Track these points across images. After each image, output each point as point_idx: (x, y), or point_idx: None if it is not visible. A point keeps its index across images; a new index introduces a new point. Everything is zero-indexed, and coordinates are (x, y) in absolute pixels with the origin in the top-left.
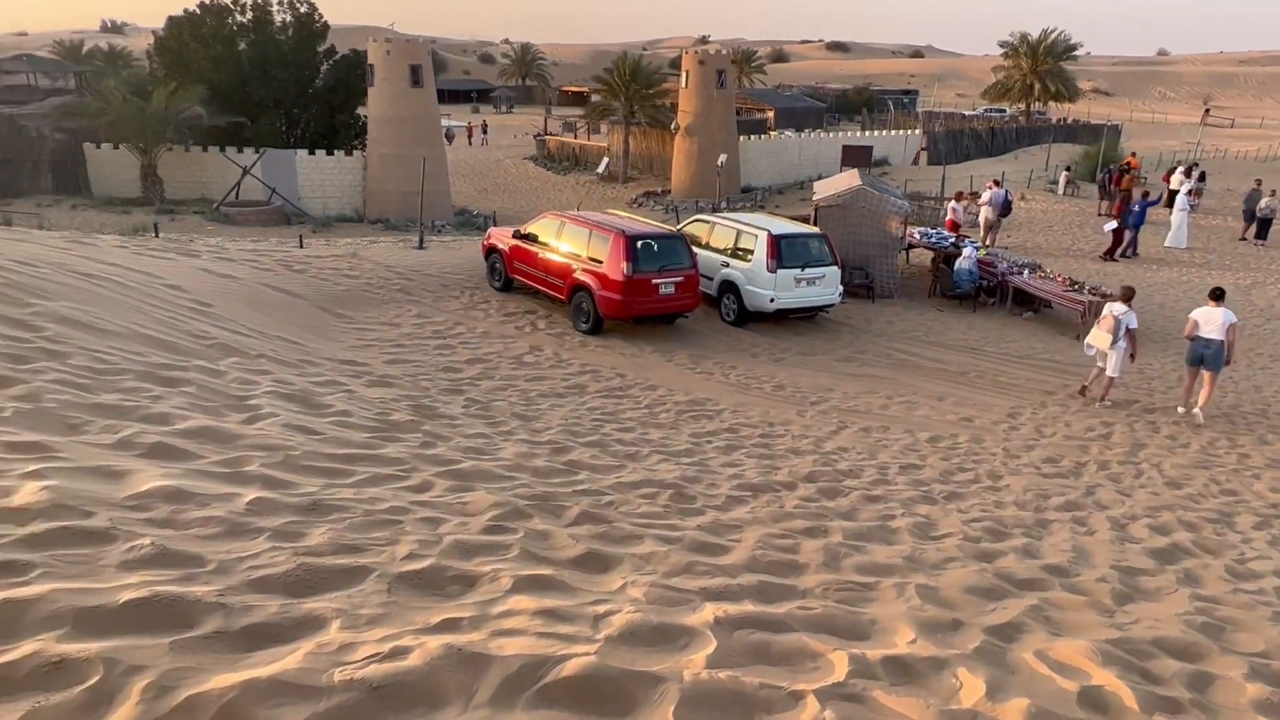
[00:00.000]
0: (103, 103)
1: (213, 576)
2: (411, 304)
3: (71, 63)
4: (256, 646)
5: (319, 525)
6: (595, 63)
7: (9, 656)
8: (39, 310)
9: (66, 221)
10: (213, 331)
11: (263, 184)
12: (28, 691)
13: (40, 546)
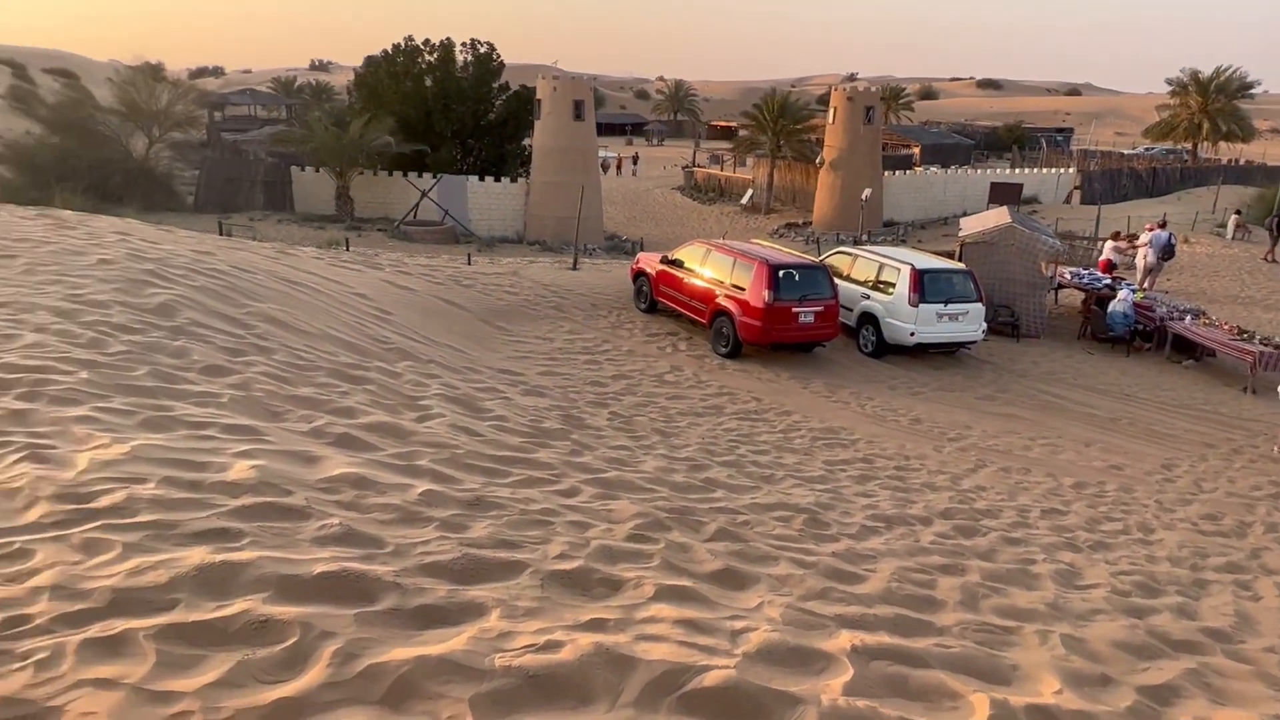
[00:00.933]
0: (308, 131)
1: (390, 558)
2: (564, 321)
3: (285, 96)
4: (426, 626)
5: (481, 520)
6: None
7: (225, 612)
8: (251, 311)
9: (274, 234)
10: (392, 337)
11: (437, 206)
12: (238, 645)
13: (249, 517)
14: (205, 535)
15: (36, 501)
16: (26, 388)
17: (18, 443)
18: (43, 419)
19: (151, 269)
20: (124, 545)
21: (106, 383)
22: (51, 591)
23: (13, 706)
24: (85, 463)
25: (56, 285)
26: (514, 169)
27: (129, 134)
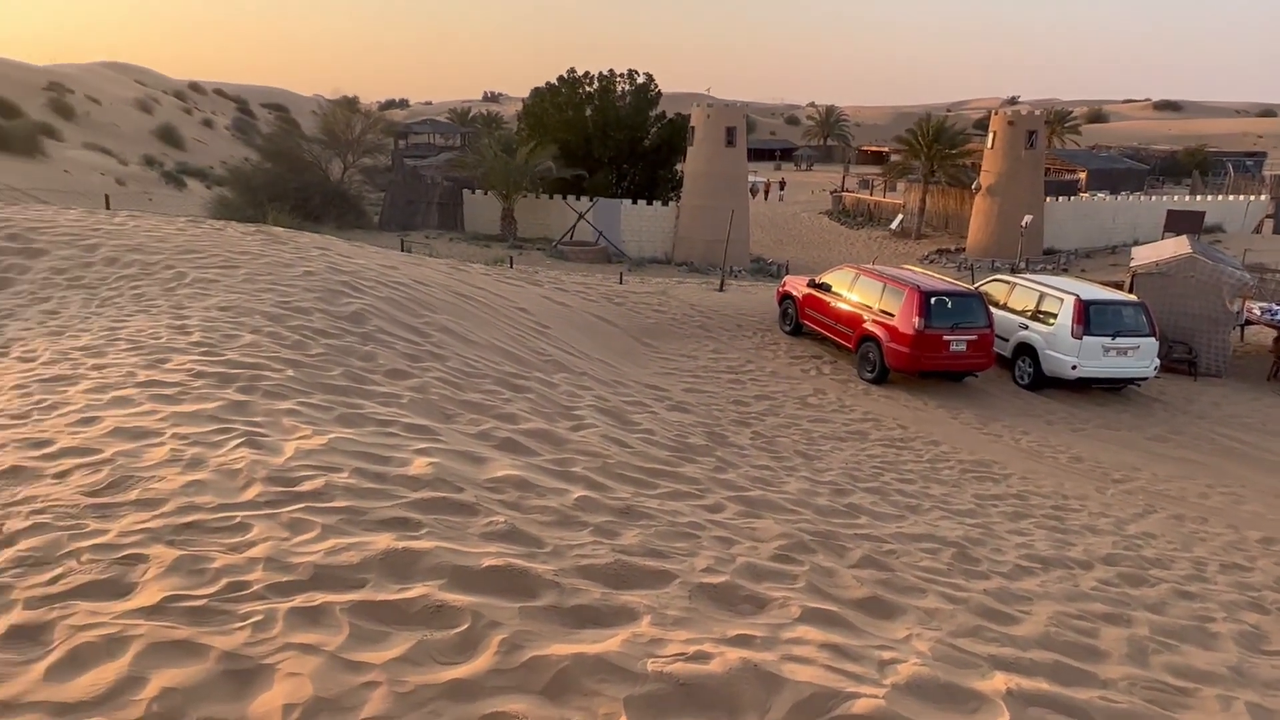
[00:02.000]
0: (479, 158)
1: (549, 558)
2: (709, 340)
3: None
4: (582, 625)
5: (631, 528)
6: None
7: (407, 594)
8: (429, 321)
9: (446, 251)
10: (549, 350)
11: (592, 227)
12: (418, 626)
13: (426, 510)
14: (389, 523)
15: (253, 482)
16: (245, 382)
17: (238, 430)
18: (257, 410)
19: (346, 280)
20: (323, 526)
21: (308, 380)
22: (265, 563)
23: (235, 660)
24: (291, 450)
25: (269, 293)
26: (665, 193)
27: (328, 160)
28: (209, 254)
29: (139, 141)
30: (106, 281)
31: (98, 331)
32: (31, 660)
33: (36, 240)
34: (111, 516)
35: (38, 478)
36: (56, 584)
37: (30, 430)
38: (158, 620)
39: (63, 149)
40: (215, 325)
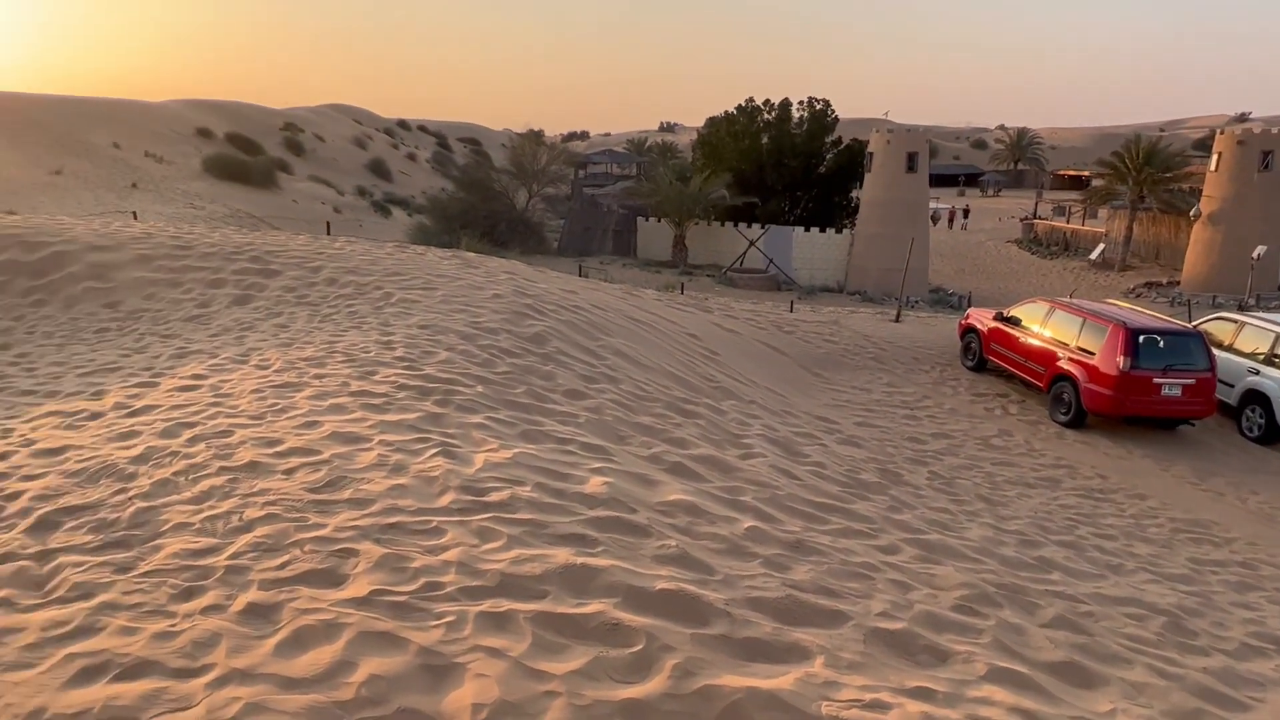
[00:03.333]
0: (653, 186)
1: (720, 586)
2: (883, 372)
3: (636, 155)
4: (753, 658)
5: (802, 563)
6: (1099, 146)
7: (584, 610)
8: (604, 344)
9: (620, 277)
10: (718, 376)
11: (763, 255)
12: (594, 642)
13: (602, 528)
14: (568, 539)
15: (447, 490)
16: (441, 395)
17: (435, 440)
18: (451, 422)
19: (530, 303)
20: (508, 537)
21: (495, 397)
22: (457, 567)
23: (431, 656)
24: (481, 462)
25: (462, 313)
26: (839, 220)
27: (514, 189)
28: (411, 276)
29: (354, 174)
30: (327, 300)
31: (319, 344)
32: (264, 636)
33: (273, 262)
34: (329, 512)
35: (270, 473)
36: (284, 569)
37: (265, 430)
38: (366, 611)
39: (292, 181)
40: (416, 342)
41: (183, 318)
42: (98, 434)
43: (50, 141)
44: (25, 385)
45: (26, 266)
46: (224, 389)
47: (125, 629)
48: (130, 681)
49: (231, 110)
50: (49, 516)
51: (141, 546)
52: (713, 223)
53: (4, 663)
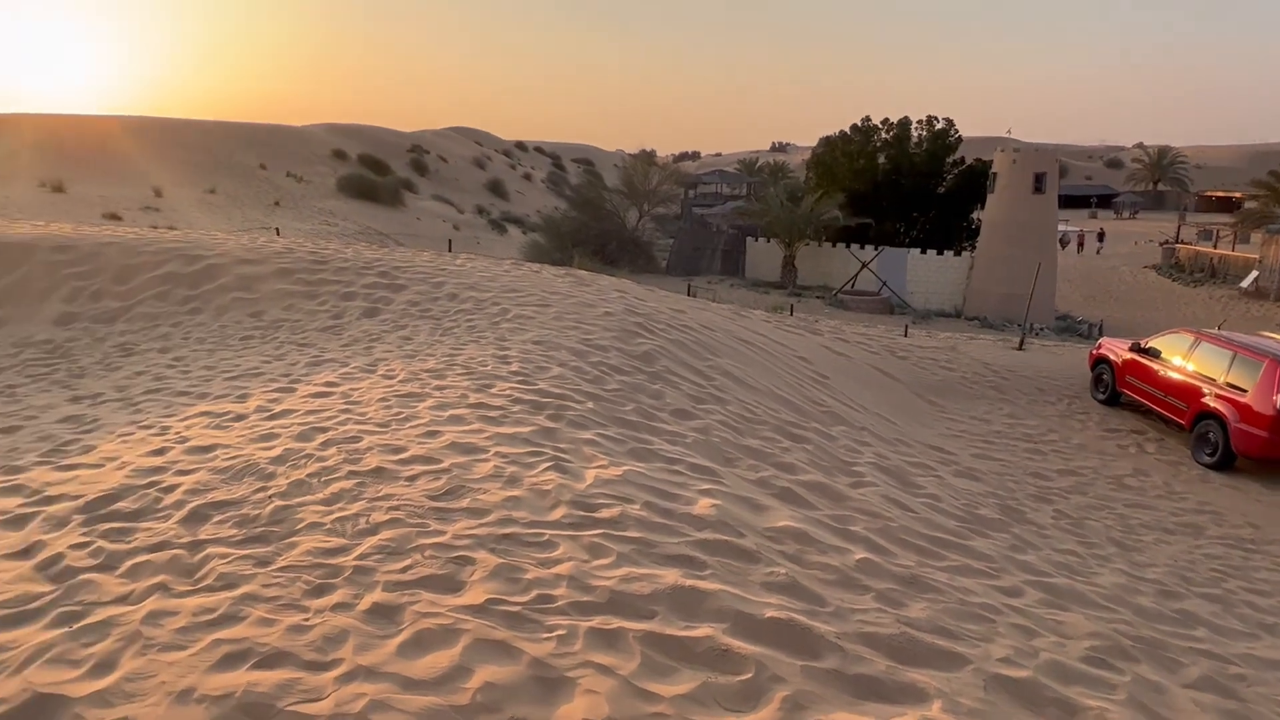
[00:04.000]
0: (764, 206)
1: (831, 618)
2: (1004, 403)
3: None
4: (866, 696)
5: (917, 600)
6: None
7: (692, 633)
8: (712, 365)
9: (728, 296)
10: (827, 401)
11: (876, 277)
12: (702, 666)
13: (710, 551)
14: (677, 560)
15: (559, 504)
16: (553, 410)
17: (548, 454)
18: (563, 437)
19: (640, 322)
20: (618, 554)
21: (605, 414)
22: (568, 581)
23: (542, 668)
24: (591, 478)
25: (574, 330)
26: (957, 242)
27: (625, 209)
28: (527, 293)
29: (473, 193)
30: (448, 314)
31: (440, 357)
32: (387, 636)
33: (399, 277)
34: (448, 520)
35: (395, 479)
36: (407, 573)
37: (390, 438)
38: (482, 619)
39: (416, 200)
40: (530, 357)
41: (318, 328)
42: (242, 435)
43: (206, 163)
44: (180, 386)
45: (185, 278)
46: (354, 396)
47: (264, 620)
48: (268, 670)
49: (365, 133)
50: (199, 510)
51: (279, 543)
52: (823, 243)
53: (160, 643)
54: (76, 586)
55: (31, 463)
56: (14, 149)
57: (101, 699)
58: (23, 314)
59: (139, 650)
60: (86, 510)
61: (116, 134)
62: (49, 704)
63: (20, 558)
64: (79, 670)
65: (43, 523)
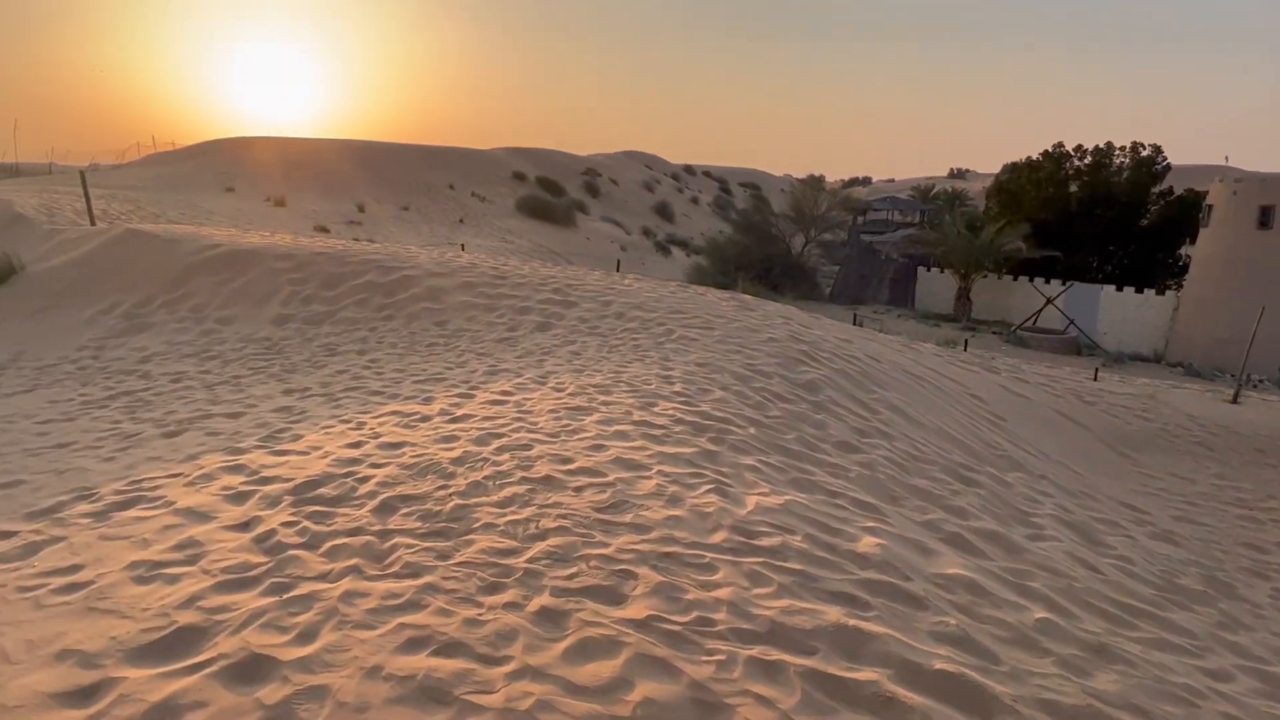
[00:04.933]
0: (939, 235)
1: (1005, 679)
2: (1211, 461)
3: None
4: None
5: (1106, 671)
6: None
7: (855, 675)
8: (878, 397)
9: (895, 327)
10: (1003, 444)
11: (1062, 314)
12: (865, 712)
13: (874, 591)
14: (839, 597)
15: (720, 528)
16: (715, 433)
17: (709, 476)
18: (724, 461)
19: (805, 350)
20: (779, 585)
21: (767, 440)
22: (728, 606)
23: (701, 690)
24: (752, 505)
25: (738, 354)
26: (1161, 279)
27: (791, 234)
28: (691, 315)
29: (641, 215)
30: (615, 332)
31: (607, 373)
32: (553, 640)
33: (571, 294)
34: (612, 533)
35: (563, 488)
36: (572, 580)
37: (559, 448)
38: (643, 634)
39: (587, 221)
40: (693, 379)
41: (495, 339)
42: (427, 435)
43: (403, 182)
44: (375, 386)
45: (381, 287)
46: (526, 406)
47: (443, 610)
48: (446, 658)
49: (543, 157)
50: (389, 501)
51: (457, 539)
52: (1003, 276)
53: (353, 621)
54: (286, 561)
55: (251, 445)
56: (249, 167)
57: (304, 665)
58: (248, 313)
59: (336, 625)
60: (295, 493)
61: (329, 155)
62: (262, 664)
63: (240, 530)
64: (286, 636)
65: (259, 500)
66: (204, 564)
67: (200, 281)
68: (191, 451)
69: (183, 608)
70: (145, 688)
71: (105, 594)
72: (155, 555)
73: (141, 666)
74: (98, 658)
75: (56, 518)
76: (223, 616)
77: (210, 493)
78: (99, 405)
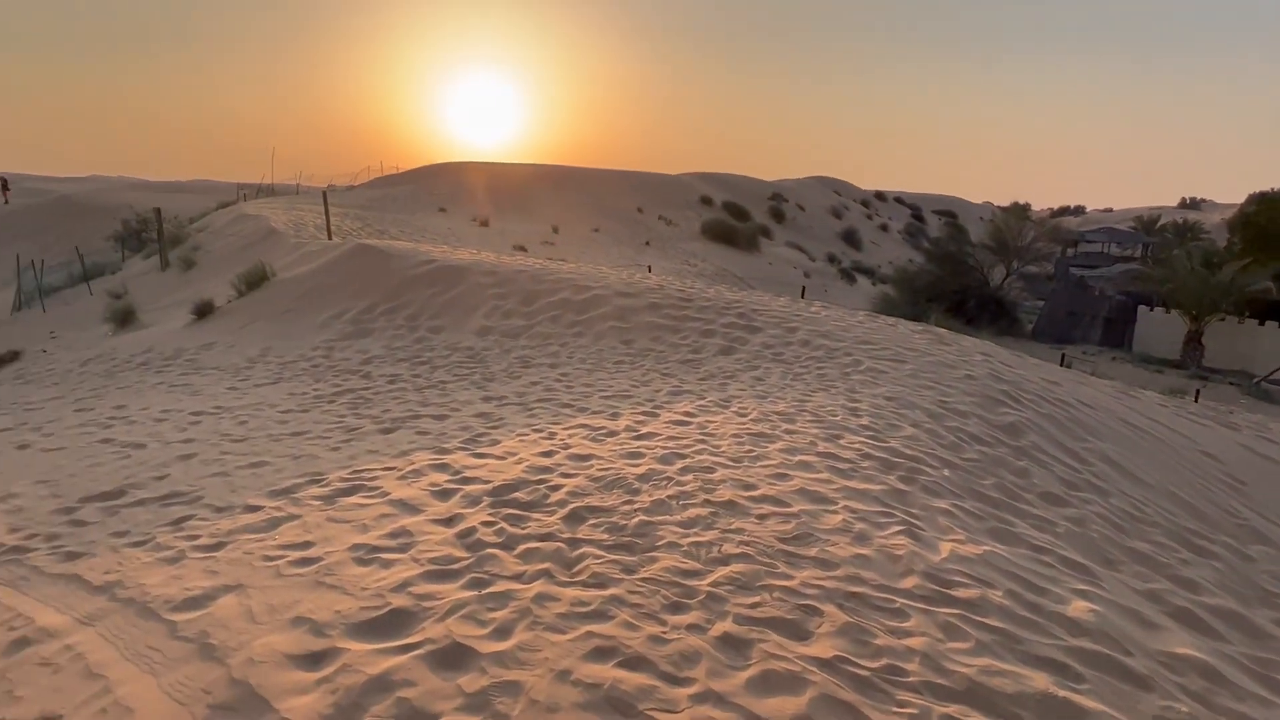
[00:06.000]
0: (1166, 271)
1: None
2: None
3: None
4: None
5: None
6: None
7: None
8: (1090, 447)
9: (1109, 371)
10: (1244, 512)
11: None
12: None
13: (1087, 663)
14: (1046, 663)
15: (911, 573)
16: (904, 471)
17: (898, 517)
18: (915, 501)
19: (1006, 390)
20: (977, 641)
21: (961, 484)
22: (921, 658)
23: None
24: (947, 552)
25: (930, 390)
26: None
27: (990, 265)
28: (881, 346)
29: (826, 241)
30: (799, 360)
31: (790, 401)
32: (737, 668)
33: (755, 320)
34: (796, 565)
35: (745, 514)
36: (755, 610)
37: (741, 473)
38: (829, 674)
39: (771, 246)
40: (881, 413)
41: (679, 360)
42: (613, 449)
43: (594, 205)
44: (565, 399)
45: (574, 304)
46: (709, 429)
47: (628, 624)
48: (631, 671)
49: (729, 181)
50: (577, 511)
51: (641, 554)
52: (1245, 319)
53: (545, 623)
54: (484, 558)
55: (455, 447)
56: (458, 190)
57: (500, 659)
58: (456, 324)
59: (529, 625)
60: (493, 495)
61: (528, 179)
62: (463, 653)
63: (445, 525)
64: (485, 630)
65: (461, 499)
66: (414, 553)
67: (415, 293)
68: (404, 448)
69: (396, 591)
70: (364, 660)
71: (332, 570)
72: (373, 540)
73: (361, 641)
74: (325, 628)
75: (293, 497)
76: (429, 604)
77: (419, 487)
78: (328, 400)
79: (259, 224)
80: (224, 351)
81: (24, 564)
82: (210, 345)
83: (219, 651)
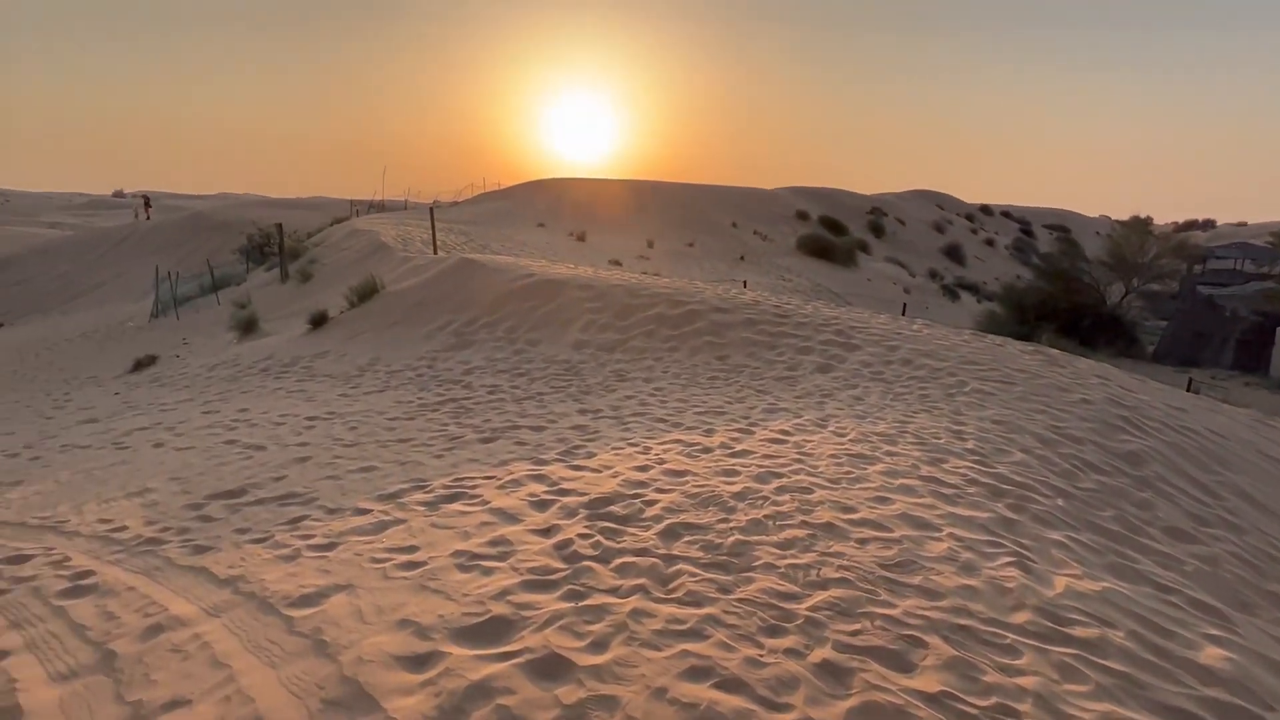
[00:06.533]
0: None
1: None
2: None
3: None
4: None
5: None
6: None
7: None
8: (1221, 480)
9: (1242, 397)
10: None
11: None
12: None
13: (1219, 715)
14: (1175, 712)
15: (1023, 607)
16: (1014, 499)
17: (1008, 547)
18: (1026, 532)
19: (1126, 416)
20: (1096, 685)
21: (1076, 514)
22: (1034, 699)
23: None
24: (1061, 587)
25: (1042, 414)
26: None
27: (1107, 283)
28: (988, 367)
29: (928, 257)
30: (900, 379)
31: (891, 421)
32: (836, 697)
33: (854, 337)
34: (898, 593)
35: (845, 538)
36: (855, 637)
37: (840, 495)
38: (935, 710)
39: (869, 261)
40: (988, 436)
41: (774, 377)
42: (708, 466)
43: (688, 220)
44: (659, 413)
45: (669, 319)
46: (806, 448)
47: (724, 644)
48: (727, 693)
49: (827, 196)
50: (673, 527)
51: (737, 574)
52: None
53: (641, 639)
54: (581, 570)
55: (552, 458)
56: (556, 205)
57: (596, 673)
58: (553, 336)
59: (625, 640)
60: (590, 507)
61: (624, 194)
62: (561, 664)
63: (542, 535)
64: (582, 642)
65: (558, 510)
66: (513, 561)
67: (514, 306)
68: (503, 457)
69: (496, 599)
70: (466, 666)
71: (435, 575)
72: (474, 547)
73: (463, 646)
74: (429, 631)
75: (399, 502)
76: (528, 613)
77: (518, 497)
78: (432, 409)
79: (370, 239)
80: (336, 360)
81: (158, 555)
82: (324, 354)
83: (331, 648)
